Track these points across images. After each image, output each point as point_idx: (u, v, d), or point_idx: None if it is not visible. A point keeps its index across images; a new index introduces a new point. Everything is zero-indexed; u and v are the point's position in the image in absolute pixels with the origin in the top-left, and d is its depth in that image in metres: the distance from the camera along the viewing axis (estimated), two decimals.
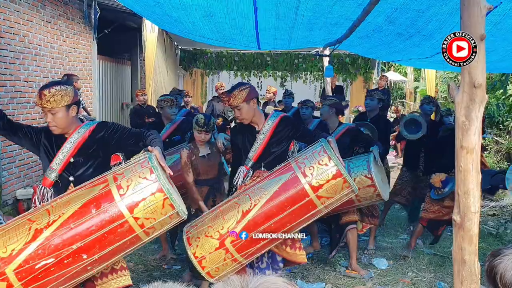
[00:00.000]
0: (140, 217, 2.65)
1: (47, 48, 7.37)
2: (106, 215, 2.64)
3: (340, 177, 3.32)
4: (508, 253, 1.70)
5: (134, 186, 2.66)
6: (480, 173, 2.69)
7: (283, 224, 3.38)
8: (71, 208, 2.68)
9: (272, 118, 3.83)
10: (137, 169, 2.71)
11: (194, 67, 15.43)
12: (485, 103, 2.57)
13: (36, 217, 2.71)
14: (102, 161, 3.19)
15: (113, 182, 2.70)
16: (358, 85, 15.43)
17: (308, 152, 3.48)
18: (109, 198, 2.66)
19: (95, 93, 9.46)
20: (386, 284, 4.78)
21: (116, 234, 2.66)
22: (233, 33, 5.22)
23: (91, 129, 3.16)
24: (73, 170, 3.15)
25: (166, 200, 2.66)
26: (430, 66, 9.24)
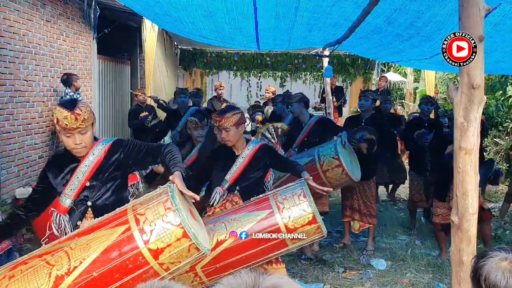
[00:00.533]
0: (166, 262, 2.55)
1: (46, 47, 7.37)
2: (130, 263, 2.51)
3: (315, 223, 3.44)
4: (493, 255, 1.72)
5: (158, 232, 2.51)
6: (478, 174, 2.69)
7: (252, 258, 3.45)
8: (92, 253, 2.52)
9: (253, 144, 3.89)
10: (160, 211, 2.54)
11: (193, 67, 15.41)
12: (484, 104, 2.58)
13: (55, 260, 2.54)
14: (120, 182, 3.00)
15: (135, 225, 2.54)
16: (358, 85, 15.41)
17: (287, 192, 3.52)
18: (133, 244, 2.51)
19: (95, 93, 9.46)
20: (384, 285, 4.78)
21: (141, 279, 2.53)
22: (233, 33, 5.23)
23: (106, 149, 2.94)
24: (90, 194, 2.93)
25: (192, 245, 2.54)
26: (429, 67, 9.25)
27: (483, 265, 1.70)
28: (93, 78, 9.33)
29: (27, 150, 6.86)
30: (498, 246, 1.79)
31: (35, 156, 7.07)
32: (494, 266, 1.67)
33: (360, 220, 5.68)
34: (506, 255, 1.69)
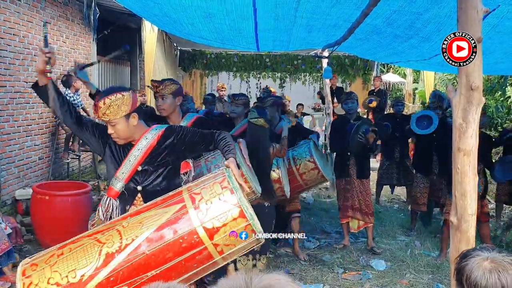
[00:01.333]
0: (220, 243, 2.41)
1: None
2: (184, 241, 2.38)
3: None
4: (474, 254, 1.74)
5: (215, 210, 2.40)
6: (477, 175, 2.70)
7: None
8: (145, 231, 2.41)
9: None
10: (216, 190, 2.45)
11: (193, 68, 15.44)
12: (482, 105, 2.59)
13: (106, 238, 2.44)
14: (172, 168, 2.93)
15: (190, 203, 2.43)
16: (357, 86, 15.44)
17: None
18: (187, 222, 2.40)
19: None
20: (384, 286, 4.79)
21: (194, 261, 2.42)
22: (232, 34, 5.24)
23: (160, 134, 2.90)
24: (141, 179, 2.88)
25: (248, 226, 2.41)
26: (428, 68, 9.26)
27: (465, 265, 1.72)
28: (92, 79, 9.34)
29: (27, 151, 6.86)
30: (480, 246, 1.81)
31: (35, 157, 7.08)
32: (475, 266, 1.69)
33: (362, 219, 5.69)
34: (487, 255, 1.71)
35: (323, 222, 6.87)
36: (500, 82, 10.16)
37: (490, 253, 1.73)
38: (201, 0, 4.05)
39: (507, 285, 1.64)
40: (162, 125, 2.99)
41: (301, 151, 5.29)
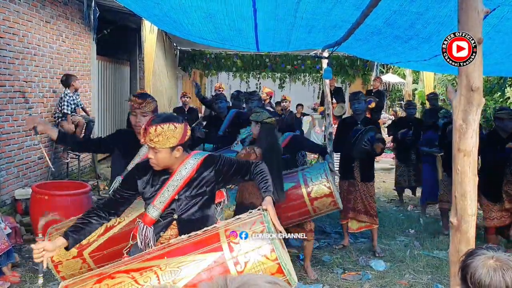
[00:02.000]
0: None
1: (46, 48, 7.38)
2: None
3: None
4: (480, 253, 1.75)
5: (253, 264, 2.38)
6: (477, 176, 2.70)
7: None
8: (184, 278, 2.41)
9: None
10: (256, 243, 2.40)
11: (193, 68, 15.44)
12: (482, 106, 2.59)
13: (144, 280, 2.44)
14: (208, 199, 2.90)
15: (229, 253, 2.40)
16: (357, 86, 15.43)
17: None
18: (225, 273, 2.36)
19: (94, 94, 9.47)
20: (383, 286, 4.79)
21: None
22: (232, 34, 5.24)
23: (199, 164, 2.84)
24: (177, 208, 2.85)
25: (285, 280, 2.38)
26: (428, 69, 9.26)
27: (470, 263, 1.73)
28: (92, 79, 9.34)
29: (26, 151, 6.86)
30: (486, 245, 1.82)
31: (34, 157, 7.07)
32: (480, 264, 1.70)
33: (368, 221, 5.67)
34: (493, 254, 1.73)
35: (322, 222, 6.87)
36: (499, 83, 10.17)
37: (495, 252, 1.74)
38: (201, 0, 4.05)
39: (511, 284, 1.65)
40: (201, 153, 2.94)
41: (315, 172, 4.71)
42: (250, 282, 0.93)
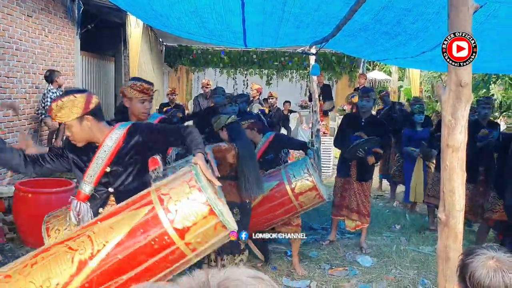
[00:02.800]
0: (192, 242, 2.44)
1: (28, 43, 7.25)
2: (156, 243, 2.41)
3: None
4: (479, 252, 1.72)
5: (184, 210, 2.41)
6: (465, 171, 2.71)
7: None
8: (116, 236, 2.42)
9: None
10: (184, 189, 2.45)
11: (179, 64, 15.33)
12: (471, 102, 2.60)
13: (77, 245, 2.44)
14: (141, 167, 2.91)
15: (159, 204, 2.43)
16: (344, 83, 15.49)
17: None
18: (157, 224, 2.41)
19: None
20: (370, 281, 4.80)
21: (167, 261, 2.47)
22: (220, 29, 5.19)
23: (125, 133, 2.83)
24: (111, 180, 2.85)
25: (219, 223, 2.43)
26: (414, 66, 9.32)
27: (470, 263, 1.71)
28: (76, 75, 9.21)
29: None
30: (486, 244, 1.79)
31: None
32: (480, 264, 1.67)
33: (358, 219, 5.67)
34: (493, 254, 1.70)
35: (309, 218, 6.87)
36: (484, 79, 10.27)
37: (495, 252, 1.71)
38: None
39: (511, 285, 1.63)
40: (125, 123, 2.94)
41: (298, 168, 4.78)
42: (233, 277, 0.90)
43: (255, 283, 0.90)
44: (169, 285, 1.06)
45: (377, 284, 4.73)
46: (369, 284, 4.73)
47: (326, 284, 4.71)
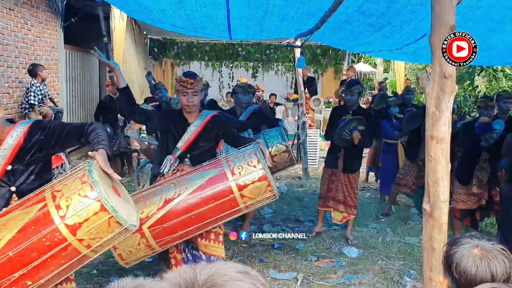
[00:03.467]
0: (85, 238, 2.48)
1: (10, 36, 7.14)
2: (48, 240, 2.45)
3: (265, 180, 3.46)
4: (464, 242, 1.72)
5: (75, 206, 2.46)
6: (449, 163, 2.73)
7: (202, 217, 3.45)
8: (8, 233, 2.45)
9: (205, 114, 3.90)
10: (76, 186, 2.50)
11: (164, 57, 15.22)
12: (455, 93, 2.61)
13: None
14: (43, 165, 2.92)
15: (51, 201, 2.49)
16: (329, 76, 15.50)
17: (239, 153, 3.61)
18: (49, 220, 2.46)
19: (62, 84, 9.24)
20: (356, 273, 4.83)
21: (61, 257, 2.50)
22: (204, 21, 5.15)
23: (26, 131, 2.82)
24: (13, 179, 2.82)
25: (111, 218, 2.48)
26: (399, 58, 9.35)
27: (455, 252, 1.71)
28: (60, 68, 9.11)
29: None
30: (470, 233, 1.80)
31: None
32: (465, 253, 1.68)
33: (344, 211, 5.69)
34: (477, 242, 1.70)
35: (296, 211, 6.89)
36: (468, 71, 10.36)
37: (479, 241, 1.72)
38: None
39: (497, 273, 1.64)
40: (27, 121, 2.94)
41: (273, 134, 5.70)
42: (220, 272, 0.90)
43: (243, 278, 0.90)
44: (155, 282, 1.05)
45: (364, 275, 4.76)
46: (356, 275, 4.76)
47: (313, 276, 4.73)
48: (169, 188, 3.49)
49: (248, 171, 3.45)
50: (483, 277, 1.63)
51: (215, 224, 3.59)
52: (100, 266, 4.92)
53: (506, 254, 1.69)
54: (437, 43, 2.50)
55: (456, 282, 1.70)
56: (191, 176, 3.54)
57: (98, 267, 4.89)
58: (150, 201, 3.45)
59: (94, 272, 4.76)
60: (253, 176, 3.44)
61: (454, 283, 1.71)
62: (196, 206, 3.42)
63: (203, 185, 3.44)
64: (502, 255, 1.67)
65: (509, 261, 1.67)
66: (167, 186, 3.52)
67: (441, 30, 2.48)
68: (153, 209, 3.41)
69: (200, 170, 3.57)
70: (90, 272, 4.75)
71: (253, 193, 3.47)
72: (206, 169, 3.55)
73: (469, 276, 1.65)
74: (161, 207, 3.39)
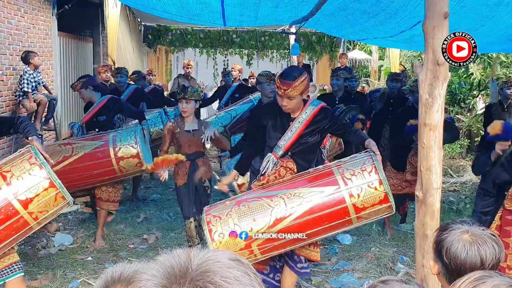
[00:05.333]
0: (34, 211, 2.89)
1: (4, 24, 7.07)
2: (1, 214, 2.81)
3: (386, 203, 3.18)
4: (454, 227, 1.74)
5: (26, 184, 2.86)
6: (442, 150, 2.75)
7: (313, 236, 3.27)
8: None
9: (311, 107, 3.46)
10: (25, 166, 2.89)
11: (158, 44, 15.12)
12: (448, 80, 2.62)
13: None
14: None
15: (2, 181, 2.86)
16: (324, 63, 15.46)
17: (356, 167, 3.21)
18: (2, 197, 2.85)
19: (56, 71, 9.17)
20: (350, 259, 4.87)
21: (12, 229, 2.88)
22: (198, 8, 5.12)
23: None
24: None
25: (58, 193, 2.93)
26: (394, 45, 9.34)
27: (445, 238, 1.73)
28: (54, 56, 9.03)
29: None
30: (460, 219, 1.81)
31: None
32: (455, 238, 1.70)
33: None
34: (467, 228, 1.72)
35: None
36: None
37: (470, 226, 1.73)
38: None
39: (486, 258, 1.65)
40: None
41: (126, 134, 4.94)
42: (214, 258, 0.91)
43: (235, 266, 0.91)
44: (150, 263, 1.06)
45: (357, 262, 4.80)
46: (349, 262, 4.80)
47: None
48: (279, 204, 3.19)
49: (368, 193, 3.13)
50: (473, 262, 1.65)
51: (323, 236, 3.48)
52: (95, 253, 4.94)
53: (495, 239, 1.71)
54: (430, 30, 2.51)
55: (446, 267, 1.72)
56: (302, 191, 3.22)
57: (93, 254, 4.91)
58: (258, 217, 3.18)
59: (89, 259, 4.78)
60: (374, 199, 3.15)
61: (444, 268, 1.73)
62: (308, 227, 3.20)
63: (318, 206, 3.16)
64: (492, 241, 1.69)
65: (499, 246, 1.69)
66: (275, 199, 3.22)
67: (435, 17, 2.48)
68: (263, 228, 3.18)
69: (311, 183, 3.25)
70: (85, 259, 4.77)
71: (370, 215, 3.22)
72: (317, 185, 3.21)
73: (459, 261, 1.67)
74: (271, 226, 3.17)
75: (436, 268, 1.77)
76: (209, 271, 0.88)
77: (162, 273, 0.89)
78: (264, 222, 3.16)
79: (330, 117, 3.50)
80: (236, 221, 3.18)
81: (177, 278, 0.88)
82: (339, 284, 4.35)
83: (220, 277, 0.87)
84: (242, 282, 0.88)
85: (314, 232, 3.21)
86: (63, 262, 4.67)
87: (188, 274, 0.88)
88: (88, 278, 4.33)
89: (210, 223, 3.21)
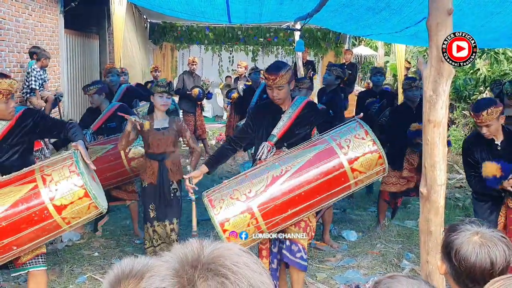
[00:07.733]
0: (67, 217, 3.02)
1: (12, 22, 7.11)
2: (36, 216, 2.96)
3: (376, 152, 3.27)
4: (464, 229, 1.70)
5: (63, 191, 2.98)
6: (446, 146, 2.75)
7: (312, 194, 3.28)
8: (1, 206, 2.93)
9: (299, 101, 3.74)
10: (65, 172, 3.01)
11: (164, 41, 15.14)
12: (452, 77, 2.62)
13: None
14: (27, 147, 3.36)
15: (42, 184, 2.99)
16: (329, 59, 15.37)
17: (342, 128, 3.42)
18: (39, 200, 2.97)
19: (63, 68, 9.23)
20: (355, 256, 4.88)
21: (44, 230, 3.04)
22: (203, 5, 5.13)
23: (18, 115, 3.30)
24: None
25: (92, 203, 3.03)
26: (399, 41, 9.29)
27: (455, 239, 1.69)
28: (60, 53, 9.08)
29: None
30: (469, 219, 1.78)
31: None
32: (465, 240, 1.66)
33: None
34: (477, 229, 1.69)
35: None
36: None
37: (479, 228, 1.69)
38: None
39: (496, 261, 1.62)
40: (20, 107, 3.45)
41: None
42: (227, 246, 0.96)
43: (245, 254, 0.95)
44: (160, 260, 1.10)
45: (362, 259, 4.81)
46: (354, 259, 4.81)
47: (312, 259, 4.77)
48: (274, 166, 3.34)
49: (357, 143, 3.26)
50: (483, 265, 1.62)
51: (325, 203, 3.47)
52: (102, 248, 4.98)
53: (506, 241, 1.67)
54: (434, 26, 2.51)
55: (455, 268, 1.69)
56: (296, 154, 3.38)
57: (100, 249, 4.95)
58: (256, 180, 3.29)
59: (96, 255, 4.82)
60: (363, 148, 3.25)
61: (453, 270, 1.70)
62: (306, 182, 3.25)
63: (311, 160, 3.27)
64: (502, 243, 1.65)
65: (509, 248, 1.65)
66: (272, 164, 3.39)
67: (438, 14, 2.48)
68: (262, 187, 3.25)
69: (305, 147, 3.42)
70: (92, 255, 4.82)
71: (364, 166, 3.26)
72: (311, 146, 3.39)
73: (468, 264, 1.64)
74: (269, 184, 3.24)
75: (443, 268, 1.75)
76: (220, 256, 0.93)
77: (175, 259, 0.94)
78: (261, 182, 3.28)
79: (315, 111, 3.82)
80: (235, 187, 3.30)
81: (190, 262, 0.92)
82: (344, 280, 4.36)
83: (231, 261, 0.92)
84: (251, 268, 0.93)
85: (313, 189, 3.26)
86: (70, 258, 4.72)
87: (201, 260, 0.92)
88: (94, 273, 4.38)
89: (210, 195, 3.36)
